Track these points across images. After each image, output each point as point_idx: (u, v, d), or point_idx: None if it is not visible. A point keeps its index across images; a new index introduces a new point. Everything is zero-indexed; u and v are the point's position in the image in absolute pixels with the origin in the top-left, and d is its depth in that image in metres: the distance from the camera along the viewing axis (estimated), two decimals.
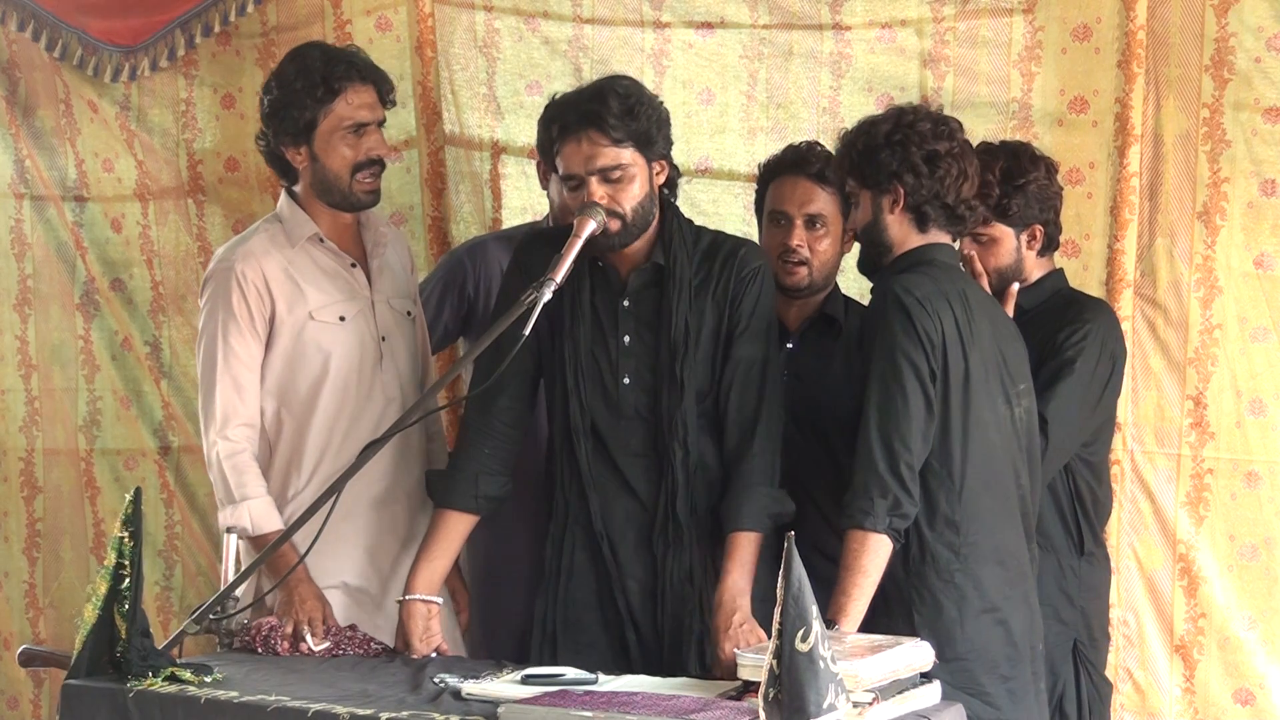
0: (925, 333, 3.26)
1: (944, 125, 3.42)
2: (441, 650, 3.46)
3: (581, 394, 3.43)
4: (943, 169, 3.38)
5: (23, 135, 5.02)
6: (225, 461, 3.62)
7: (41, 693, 5.13)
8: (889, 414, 3.24)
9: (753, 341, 3.44)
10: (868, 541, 3.19)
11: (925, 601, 3.27)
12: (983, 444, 3.32)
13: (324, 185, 3.71)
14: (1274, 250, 4.08)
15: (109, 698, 3.03)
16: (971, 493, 3.30)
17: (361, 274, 3.75)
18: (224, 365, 3.65)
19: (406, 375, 3.77)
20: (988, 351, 3.36)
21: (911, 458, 3.23)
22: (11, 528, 5.18)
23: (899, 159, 3.38)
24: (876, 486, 3.21)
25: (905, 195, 3.39)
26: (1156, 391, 4.15)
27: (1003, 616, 3.32)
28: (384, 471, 3.68)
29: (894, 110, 3.48)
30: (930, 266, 3.39)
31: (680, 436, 3.38)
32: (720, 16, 4.41)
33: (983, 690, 3.23)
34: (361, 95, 3.68)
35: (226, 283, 3.66)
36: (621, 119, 3.32)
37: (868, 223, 3.45)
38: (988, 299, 3.53)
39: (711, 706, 2.79)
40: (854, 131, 3.49)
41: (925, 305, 3.27)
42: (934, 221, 3.41)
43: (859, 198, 3.47)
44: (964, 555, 3.28)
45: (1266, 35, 4.02)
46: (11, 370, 5.14)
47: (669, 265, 3.42)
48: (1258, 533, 4.12)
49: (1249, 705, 4.13)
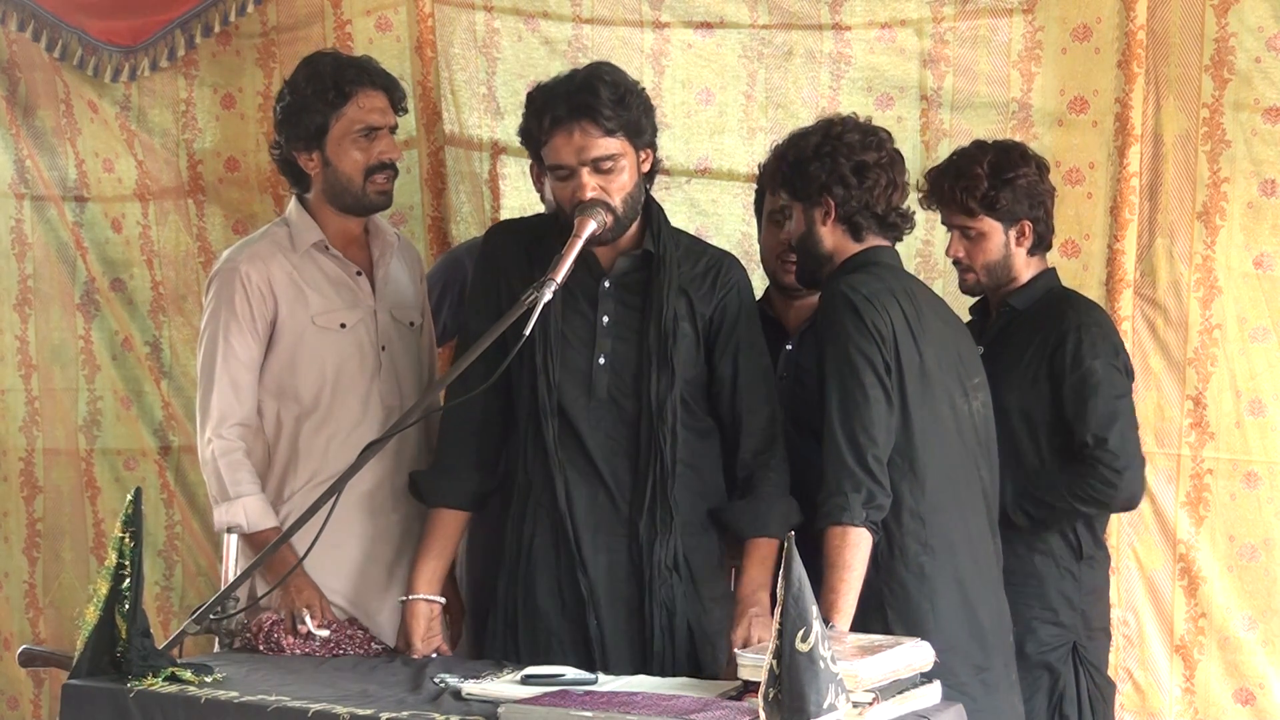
0: (875, 328, 3.29)
1: (872, 136, 3.45)
2: (441, 651, 3.46)
3: (550, 374, 3.39)
4: (871, 179, 3.41)
5: (23, 135, 5.02)
6: (220, 459, 3.63)
7: (41, 693, 5.13)
8: (850, 409, 3.26)
9: (752, 353, 3.45)
10: (848, 536, 3.20)
11: (896, 595, 3.29)
12: (941, 436, 3.34)
13: (336, 189, 3.71)
14: (1274, 250, 4.08)
15: (110, 698, 3.03)
16: (935, 485, 3.32)
17: (366, 283, 3.76)
18: (223, 365, 3.66)
19: (408, 385, 3.77)
20: (940, 346, 3.39)
21: (878, 450, 3.25)
22: (11, 528, 5.18)
23: (827, 171, 3.41)
24: (848, 481, 3.23)
25: (836, 207, 3.42)
26: (1156, 391, 4.15)
27: (973, 607, 3.34)
28: (380, 478, 3.68)
29: (823, 122, 3.51)
30: (875, 266, 3.42)
31: (669, 424, 3.36)
32: (720, 16, 4.41)
33: (958, 680, 3.22)
34: (373, 100, 3.69)
35: (230, 283, 3.67)
36: (614, 108, 3.31)
37: (802, 234, 3.49)
38: (934, 296, 3.56)
39: (711, 706, 2.79)
40: (784, 144, 3.53)
41: (873, 301, 3.30)
42: (867, 229, 3.44)
43: (791, 209, 3.51)
44: (931, 547, 3.30)
45: (1266, 35, 4.02)
46: (12, 370, 5.15)
47: (659, 252, 3.41)
48: (1257, 533, 4.12)
49: (1249, 705, 4.13)
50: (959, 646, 3.27)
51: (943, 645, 3.20)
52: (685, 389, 3.40)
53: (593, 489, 3.37)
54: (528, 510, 3.44)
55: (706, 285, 3.44)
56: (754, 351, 3.47)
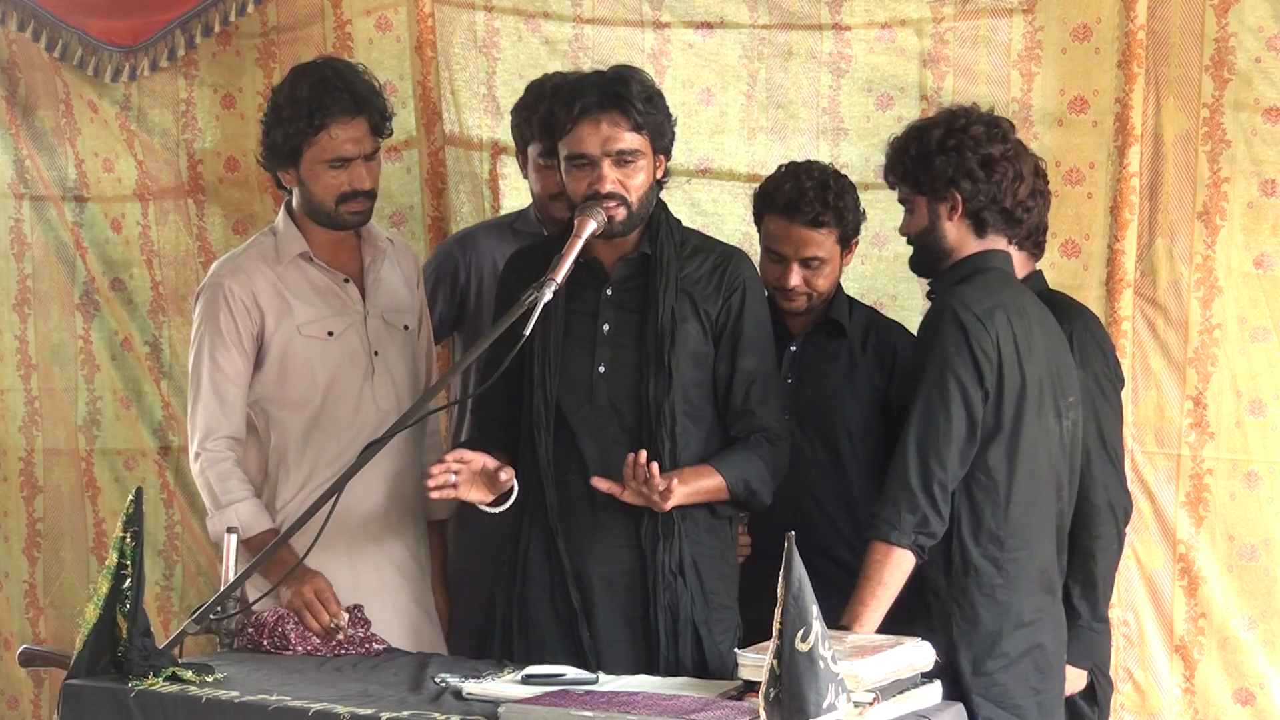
0: (982, 351, 3.21)
1: (996, 128, 3.37)
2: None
3: (547, 387, 3.39)
4: (999, 173, 3.33)
5: (23, 135, 5.02)
6: (208, 470, 3.66)
7: (41, 693, 5.13)
8: (930, 430, 3.20)
9: (761, 351, 3.44)
10: (891, 555, 3.18)
11: (965, 615, 3.25)
12: (1032, 460, 3.28)
13: (311, 207, 3.74)
14: (1274, 250, 4.08)
15: (110, 697, 3.03)
16: (1017, 509, 3.27)
17: (355, 289, 3.77)
18: (209, 380, 3.69)
19: (403, 387, 3.78)
20: (1042, 365, 3.32)
21: (946, 477, 3.20)
22: (11, 528, 5.18)
23: (955, 165, 3.32)
24: (906, 501, 3.19)
25: (963, 202, 3.34)
26: (1156, 391, 4.15)
27: (1038, 632, 3.30)
28: (375, 485, 3.69)
29: (944, 114, 3.41)
30: (987, 275, 3.35)
31: (668, 427, 3.34)
32: (720, 16, 4.41)
33: (1015, 704, 3.23)
34: (348, 130, 3.65)
35: (215, 299, 3.70)
36: (644, 105, 3.32)
37: (924, 228, 3.40)
38: (1042, 310, 3.47)
39: (711, 706, 2.79)
40: (905, 137, 3.42)
41: (983, 321, 3.23)
42: (991, 226, 3.36)
43: (913, 203, 3.41)
44: (1006, 570, 3.26)
45: (1266, 35, 4.02)
46: (11, 370, 5.15)
47: (655, 254, 3.40)
48: (1257, 533, 4.12)
49: (1249, 705, 4.13)
50: (1020, 669, 3.25)
51: (1003, 665, 3.21)
52: (690, 390, 3.39)
53: (592, 498, 3.35)
54: (523, 522, 3.44)
55: (712, 285, 3.42)
56: (762, 349, 3.46)
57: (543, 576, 3.41)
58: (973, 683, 3.19)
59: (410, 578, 3.79)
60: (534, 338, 3.28)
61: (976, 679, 3.20)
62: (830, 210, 3.66)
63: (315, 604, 3.46)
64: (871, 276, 4.27)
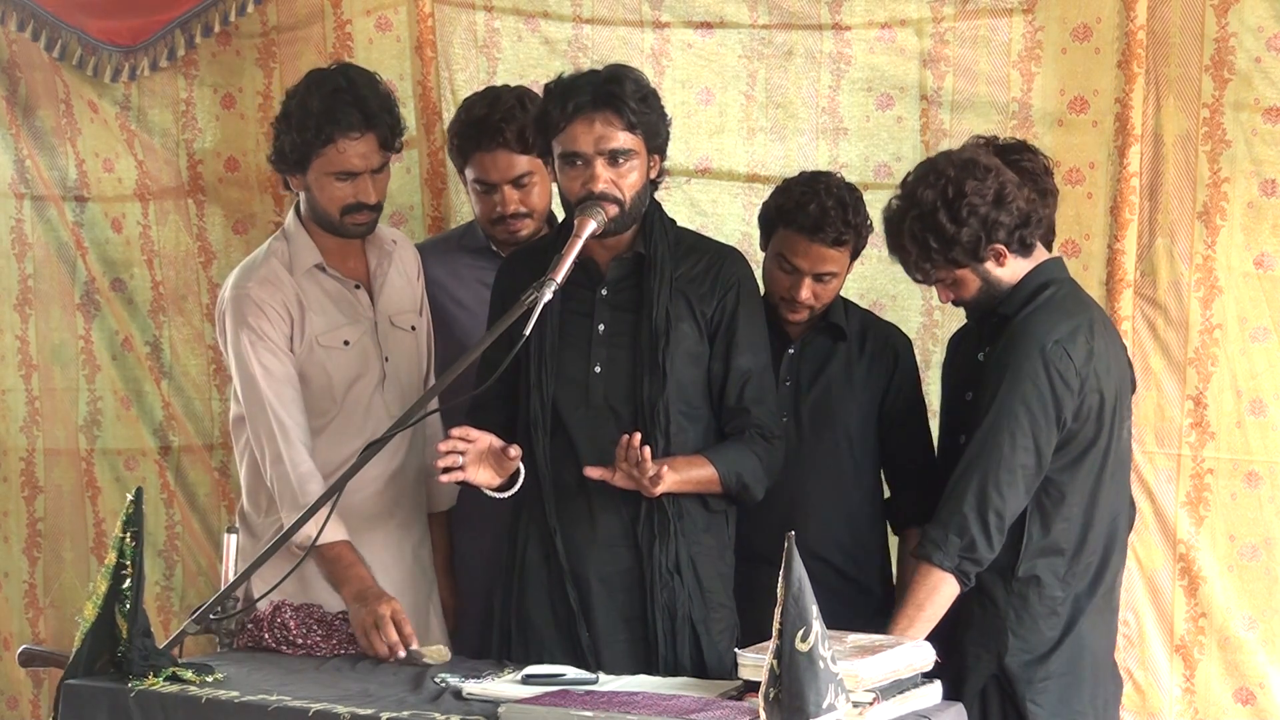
0: (1063, 382, 3.20)
1: (975, 164, 3.32)
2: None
3: (543, 390, 3.39)
4: (1009, 197, 3.30)
5: (23, 135, 5.02)
6: (292, 472, 3.59)
7: (41, 693, 5.13)
8: (994, 459, 3.19)
9: (756, 350, 3.45)
10: (932, 576, 3.18)
11: (1024, 623, 3.27)
12: (1103, 474, 3.29)
13: (317, 214, 3.75)
14: (1274, 250, 4.08)
15: (110, 697, 3.03)
16: (1086, 523, 3.28)
17: (365, 295, 3.78)
18: (266, 384, 3.64)
19: (410, 392, 3.79)
20: (1116, 376, 3.33)
21: (1004, 507, 3.19)
22: (12, 528, 5.18)
23: (980, 225, 3.27)
24: (957, 525, 3.19)
25: (1006, 245, 3.31)
26: (1156, 391, 4.15)
27: (1094, 642, 3.32)
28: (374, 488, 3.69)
29: (930, 188, 3.29)
30: (1055, 292, 3.33)
31: (662, 426, 3.34)
32: (720, 16, 4.41)
33: (1071, 710, 3.25)
34: (356, 145, 3.64)
35: (244, 308, 3.67)
36: (638, 104, 3.32)
37: (980, 289, 3.36)
38: (1105, 317, 3.47)
39: (711, 706, 2.79)
40: (916, 231, 3.31)
41: (1066, 348, 3.22)
42: (1030, 239, 3.35)
43: (954, 277, 3.35)
44: (1068, 582, 3.28)
45: (1266, 35, 4.02)
46: (12, 370, 5.15)
47: (650, 254, 3.40)
48: (1258, 533, 4.12)
49: (1249, 705, 4.13)
50: (1073, 676, 3.26)
51: (1059, 675, 3.23)
52: (686, 389, 3.39)
53: (589, 498, 3.36)
54: (520, 523, 3.45)
55: (706, 284, 3.43)
56: (757, 348, 3.46)
57: (541, 577, 3.41)
58: (1026, 690, 3.20)
59: (416, 580, 3.79)
60: (530, 339, 3.27)
61: (1028, 685, 3.21)
62: (850, 229, 3.66)
63: (388, 625, 3.35)
64: (871, 277, 4.27)
